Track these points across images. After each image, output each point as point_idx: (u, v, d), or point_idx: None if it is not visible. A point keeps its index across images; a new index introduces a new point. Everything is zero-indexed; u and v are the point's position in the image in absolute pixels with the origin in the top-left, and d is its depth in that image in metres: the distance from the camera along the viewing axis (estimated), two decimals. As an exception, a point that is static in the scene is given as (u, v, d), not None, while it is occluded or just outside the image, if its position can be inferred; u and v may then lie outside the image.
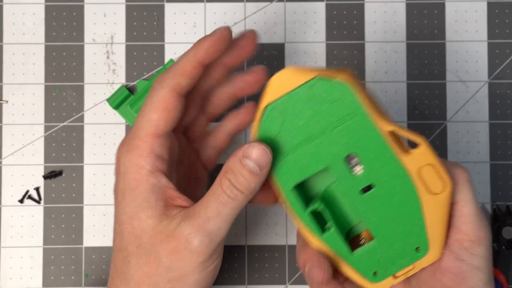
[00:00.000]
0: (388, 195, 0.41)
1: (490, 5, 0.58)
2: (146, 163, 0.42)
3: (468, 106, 0.57)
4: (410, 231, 0.41)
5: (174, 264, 0.41)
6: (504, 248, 0.55)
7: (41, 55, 0.57)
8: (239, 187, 0.41)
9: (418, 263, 0.42)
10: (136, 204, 0.42)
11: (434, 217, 0.41)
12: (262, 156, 0.41)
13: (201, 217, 0.41)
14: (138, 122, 0.43)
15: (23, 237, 0.56)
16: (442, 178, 0.40)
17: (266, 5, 0.58)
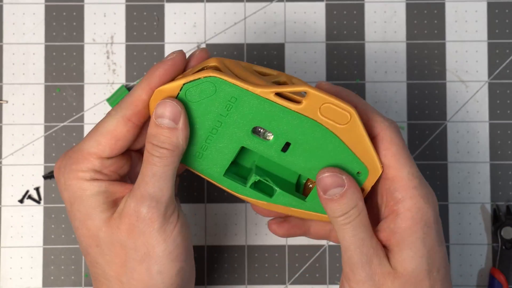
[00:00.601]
0: (306, 143, 0.43)
1: (490, 5, 0.58)
2: (86, 175, 0.43)
3: (468, 106, 0.57)
4: (344, 163, 0.43)
5: (137, 241, 0.42)
6: (504, 248, 0.55)
7: (41, 55, 0.57)
8: (162, 145, 0.42)
9: (366, 184, 0.44)
10: (85, 207, 0.43)
11: (356, 141, 0.43)
12: (173, 110, 0.42)
13: (140, 186, 0.42)
14: (86, 140, 0.44)
15: (23, 237, 0.56)
16: (343, 107, 0.42)
17: (266, 5, 0.58)
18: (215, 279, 0.56)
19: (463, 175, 0.57)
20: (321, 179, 0.43)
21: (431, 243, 0.42)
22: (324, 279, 0.56)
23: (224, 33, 0.57)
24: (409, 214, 0.42)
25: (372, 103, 0.57)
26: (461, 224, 0.57)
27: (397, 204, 0.43)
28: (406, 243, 0.42)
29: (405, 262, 0.42)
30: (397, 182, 0.43)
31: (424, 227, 0.42)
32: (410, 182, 0.43)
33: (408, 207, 0.42)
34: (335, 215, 0.42)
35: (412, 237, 0.42)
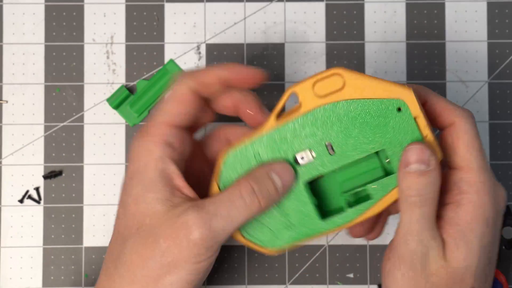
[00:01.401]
0: (339, 130, 0.43)
1: (490, 5, 0.58)
2: (157, 148, 0.43)
3: (468, 106, 0.57)
4: (378, 106, 0.42)
5: (170, 249, 0.41)
6: (504, 248, 0.55)
7: (41, 55, 0.57)
8: (259, 197, 0.42)
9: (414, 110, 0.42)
10: (143, 187, 0.43)
11: (369, 89, 0.42)
12: (289, 178, 0.42)
13: (210, 212, 0.41)
14: (155, 111, 0.44)
15: (23, 237, 0.56)
16: (328, 73, 0.42)
17: (266, 5, 0.58)
18: (215, 279, 0.56)
19: (463, 175, 0.57)
20: (410, 148, 0.41)
21: (485, 242, 0.42)
22: (324, 279, 0.56)
23: (224, 33, 0.57)
24: (471, 208, 0.41)
25: (372, 103, 0.57)
26: (461, 224, 0.57)
27: (461, 194, 0.42)
28: (464, 240, 0.41)
29: (460, 259, 0.41)
30: (465, 173, 0.42)
31: (483, 226, 0.42)
32: (478, 176, 0.42)
33: (472, 200, 0.41)
34: (410, 193, 0.41)
35: (471, 234, 0.41)
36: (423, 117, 0.42)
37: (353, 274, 0.56)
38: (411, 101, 0.42)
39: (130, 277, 0.42)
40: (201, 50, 0.57)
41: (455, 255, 0.42)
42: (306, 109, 0.42)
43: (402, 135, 0.42)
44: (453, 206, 0.42)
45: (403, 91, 0.42)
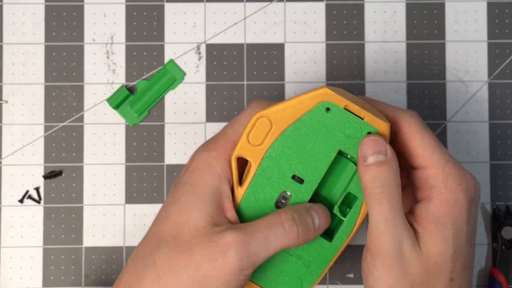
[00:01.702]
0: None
1: (490, 5, 0.58)
2: (218, 165, 0.44)
3: (468, 106, 0.57)
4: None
5: (205, 265, 0.41)
6: (504, 248, 0.55)
7: (41, 55, 0.57)
8: (299, 227, 0.42)
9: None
10: (192, 198, 0.43)
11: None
12: (326, 220, 0.43)
13: (248, 234, 0.41)
14: (225, 130, 0.45)
15: (23, 237, 0.56)
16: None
17: (266, 5, 0.58)
18: (215, 279, 0.56)
19: (463, 175, 0.57)
20: (365, 142, 0.42)
21: (460, 230, 0.42)
22: (324, 279, 0.56)
23: (224, 33, 0.57)
24: (443, 199, 0.42)
25: (372, 103, 0.57)
26: (461, 224, 0.57)
27: (431, 189, 0.43)
28: (437, 228, 0.42)
29: (433, 245, 0.42)
30: (429, 169, 0.43)
31: (455, 214, 0.42)
32: (442, 169, 0.43)
33: (442, 192, 0.42)
34: (373, 185, 0.41)
35: (444, 223, 0.42)
36: (352, 103, 0.42)
37: (353, 274, 0.56)
38: (331, 96, 0.42)
39: (159, 283, 0.42)
40: (201, 50, 0.57)
41: (429, 244, 0.42)
42: (256, 164, 0.43)
43: (346, 128, 0.42)
44: (424, 201, 0.43)
45: (318, 92, 0.42)
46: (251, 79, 0.57)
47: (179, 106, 0.57)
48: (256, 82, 0.57)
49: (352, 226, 0.44)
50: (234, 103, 0.57)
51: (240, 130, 0.44)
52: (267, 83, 0.57)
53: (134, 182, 0.57)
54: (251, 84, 0.57)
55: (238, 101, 0.57)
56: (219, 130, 0.46)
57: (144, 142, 0.57)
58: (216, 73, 0.57)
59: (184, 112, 0.57)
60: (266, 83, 0.57)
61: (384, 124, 0.42)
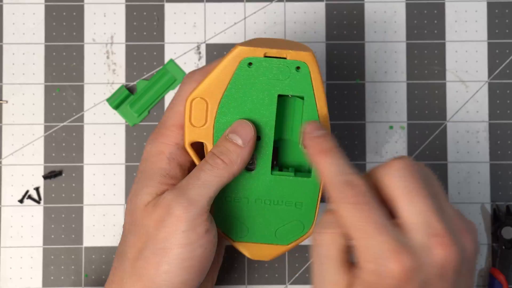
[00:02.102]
0: None
1: (490, 5, 0.58)
2: (167, 150, 0.45)
3: (468, 106, 0.57)
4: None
5: (160, 234, 0.42)
6: (504, 248, 0.55)
7: (41, 55, 0.57)
8: (220, 156, 0.43)
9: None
10: (142, 182, 0.45)
11: None
12: (248, 132, 0.43)
13: (183, 185, 0.43)
14: (167, 113, 0.46)
15: (23, 237, 0.56)
16: None
17: (266, 5, 0.58)
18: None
19: (463, 175, 0.57)
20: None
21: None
22: (324, 279, 0.56)
23: (224, 33, 0.57)
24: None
25: (372, 103, 0.57)
26: (461, 224, 0.57)
27: None
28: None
29: (411, 212, 0.39)
30: None
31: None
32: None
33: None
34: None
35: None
36: (269, 49, 0.43)
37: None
38: (247, 51, 0.43)
39: (131, 271, 0.43)
40: (201, 50, 0.57)
41: (406, 211, 0.38)
42: (210, 143, 0.44)
43: (274, 73, 0.43)
44: None
45: (234, 53, 0.43)
46: (251, 79, 0.57)
47: (179, 106, 0.57)
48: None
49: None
50: (234, 103, 0.57)
51: (181, 109, 0.45)
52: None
53: (134, 182, 0.57)
54: (251, 84, 0.57)
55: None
56: (163, 116, 0.47)
57: (144, 142, 0.57)
58: (216, 73, 0.57)
59: (184, 112, 0.57)
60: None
61: (307, 54, 0.43)
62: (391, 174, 0.39)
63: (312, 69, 0.43)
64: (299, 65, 0.43)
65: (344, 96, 0.57)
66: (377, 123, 0.57)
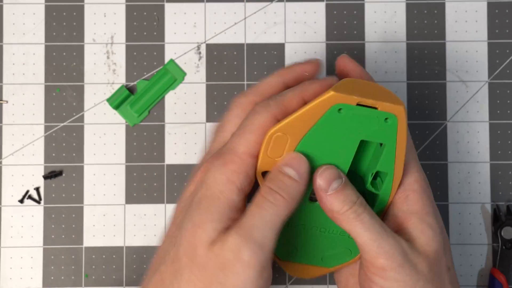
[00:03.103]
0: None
1: (490, 5, 0.58)
2: (238, 180, 0.42)
3: (468, 106, 0.57)
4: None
5: (227, 279, 0.40)
6: (504, 248, 0.55)
7: (41, 55, 0.57)
8: (278, 191, 0.42)
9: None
10: (208, 215, 0.41)
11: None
12: (302, 165, 0.42)
13: (248, 226, 0.41)
14: (235, 140, 0.43)
15: (23, 237, 0.56)
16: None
17: (266, 5, 0.58)
18: (215, 279, 0.56)
19: (463, 175, 0.57)
20: (320, 175, 0.42)
21: (440, 221, 0.45)
22: (324, 279, 0.56)
23: (224, 33, 0.57)
24: (418, 195, 0.44)
25: (372, 103, 0.57)
26: (461, 224, 0.57)
27: (404, 186, 0.44)
28: (425, 223, 0.43)
29: (430, 241, 0.43)
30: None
31: (432, 208, 0.44)
32: (414, 167, 0.45)
33: (415, 189, 0.44)
34: (345, 208, 0.42)
35: (428, 217, 0.43)
36: (362, 97, 0.42)
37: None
38: (341, 98, 0.42)
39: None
40: (201, 50, 0.57)
41: (424, 241, 0.43)
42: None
43: (362, 122, 0.43)
44: (402, 200, 0.44)
45: (326, 98, 0.42)
46: (251, 79, 0.57)
47: (179, 106, 0.57)
48: (256, 82, 0.57)
49: (387, 198, 0.45)
50: (234, 103, 0.57)
51: (252, 138, 0.43)
52: (267, 83, 0.57)
53: (134, 182, 0.57)
54: (251, 84, 0.57)
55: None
56: (218, 137, 0.46)
57: (144, 142, 0.57)
58: (216, 73, 0.57)
59: (184, 112, 0.57)
60: (266, 83, 0.57)
61: (398, 107, 0.42)
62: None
63: (400, 122, 0.42)
64: (388, 116, 0.42)
65: (344, 96, 0.57)
66: (377, 123, 0.57)
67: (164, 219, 0.56)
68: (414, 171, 0.45)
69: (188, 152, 0.57)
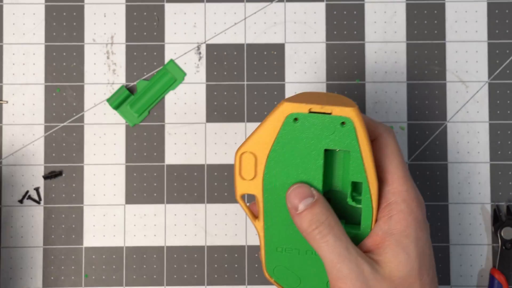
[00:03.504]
0: None
1: (490, 5, 0.58)
2: None
3: (468, 106, 0.57)
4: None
5: None
6: (504, 248, 0.55)
7: (41, 55, 0.57)
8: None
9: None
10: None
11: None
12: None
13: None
14: None
15: (23, 237, 0.56)
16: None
17: (266, 5, 0.58)
18: (215, 279, 0.56)
19: (463, 175, 0.57)
20: (290, 193, 0.43)
21: (422, 245, 0.43)
22: (324, 279, 0.56)
23: (224, 33, 0.57)
24: (402, 216, 0.42)
25: (372, 103, 0.57)
26: (461, 224, 0.57)
27: (390, 206, 0.43)
28: (400, 247, 0.42)
29: (400, 265, 0.42)
30: (390, 184, 0.43)
31: (417, 230, 0.43)
32: (402, 185, 0.43)
33: (401, 209, 0.43)
34: (311, 228, 0.42)
35: (405, 240, 0.42)
36: (314, 104, 0.43)
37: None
38: (293, 107, 0.43)
39: None
40: (201, 50, 0.57)
41: (394, 265, 0.42)
42: (260, 195, 0.44)
43: (320, 129, 0.43)
44: (385, 219, 0.43)
45: (279, 110, 0.43)
46: (251, 79, 0.57)
47: (179, 106, 0.57)
48: (256, 82, 0.57)
49: (370, 209, 0.44)
50: (234, 103, 0.57)
51: None
52: (267, 83, 0.57)
53: (134, 182, 0.57)
54: (251, 84, 0.57)
55: (238, 101, 0.57)
56: None
57: (144, 142, 0.57)
58: (216, 73, 0.57)
59: (184, 112, 0.57)
60: (266, 83, 0.57)
61: (351, 110, 0.43)
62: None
63: (357, 125, 0.42)
64: (344, 120, 0.42)
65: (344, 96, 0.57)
66: (377, 123, 0.57)
67: (164, 219, 0.56)
68: (403, 190, 0.43)
69: (188, 152, 0.57)
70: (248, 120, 0.57)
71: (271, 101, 0.57)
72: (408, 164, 0.57)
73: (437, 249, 0.57)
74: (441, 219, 0.57)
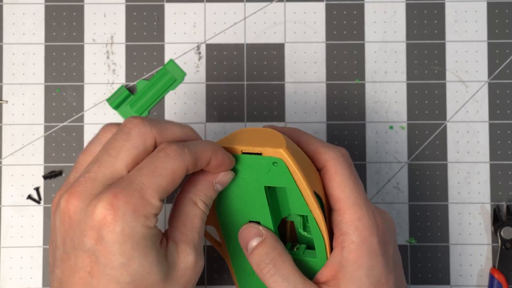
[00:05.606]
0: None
1: (490, 5, 0.58)
2: (151, 222, 0.38)
3: (468, 106, 0.57)
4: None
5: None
6: (504, 248, 0.55)
7: (41, 55, 0.57)
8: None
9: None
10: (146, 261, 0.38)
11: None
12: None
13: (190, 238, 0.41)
14: (145, 180, 0.38)
15: (23, 237, 0.56)
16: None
17: (266, 5, 0.58)
18: (215, 279, 0.56)
19: (463, 175, 0.57)
20: (240, 234, 0.44)
21: (378, 276, 0.42)
22: (324, 279, 0.56)
23: (224, 33, 0.57)
24: (354, 247, 0.42)
25: (372, 103, 0.57)
26: (461, 224, 0.57)
27: (343, 236, 0.42)
28: (352, 279, 0.42)
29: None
30: (342, 214, 0.43)
31: (369, 260, 0.42)
32: (354, 213, 0.42)
33: (353, 240, 0.42)
34: (260, 268, 0.43)
35: (358, 272, 0.42)
36: (245, 146, 0.43)
37: None
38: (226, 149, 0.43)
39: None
40: (201, 50, 0.57)
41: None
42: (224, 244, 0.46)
43: (255, 168, 0.43)
44: (339, 250, 0.42)
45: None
46: (251, 79, 0.57)
47: (179, 106, 0.57)
48: (256, 82, 0.57)
49: (321, 239, 0.44)
50: (234, 103, 0.57)
51: (163, 185, 0.39)
52: (267, 83, 0.57)
53: (134, 182, 0.57)
54: (251, 84, 0.57)
55: (238, 101, 0.57)
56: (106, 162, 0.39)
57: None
58: (216, 73, 0.57)
59: (184, 112, 0.57)
60: (266, 83, 0.57)
61: (279, 151, 0.42)
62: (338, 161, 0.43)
63: (288, 164, 0.41)
64: (275, 160, 0.42)
65: (344, 96, 0.57)
66: (377, 123, 0.57)
67: (164, 219, 0.56)
68: (355, 219, 0.42)
69: (188, 152, 0.57)
70: (248, 120, 0.57)
71: (271, 101, 0.57)
72: (408, 164, 0.57)
73: (437, 249, 0.57)
74: (441, 219, 0.57)
